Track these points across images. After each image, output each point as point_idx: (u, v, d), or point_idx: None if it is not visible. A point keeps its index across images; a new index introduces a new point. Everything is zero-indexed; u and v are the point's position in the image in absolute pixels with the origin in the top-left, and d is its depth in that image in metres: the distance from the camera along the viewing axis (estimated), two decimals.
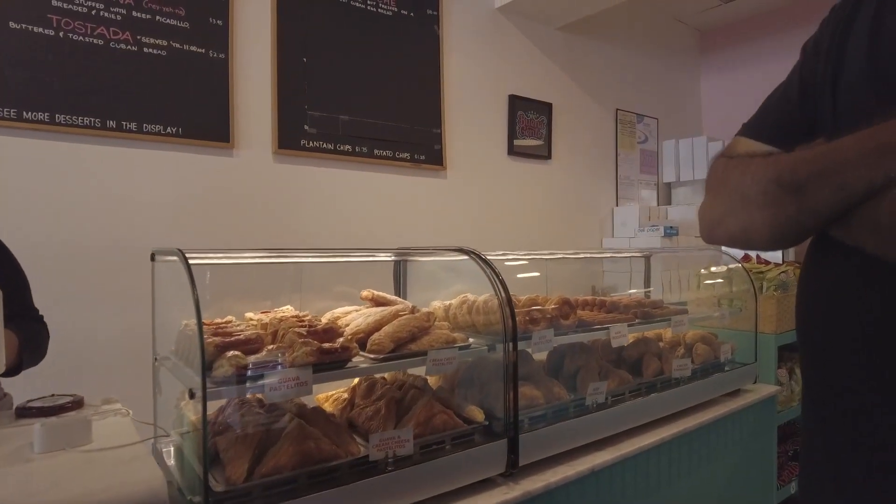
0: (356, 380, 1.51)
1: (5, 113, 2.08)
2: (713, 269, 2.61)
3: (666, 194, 4.75)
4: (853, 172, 0.64)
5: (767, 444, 2.30)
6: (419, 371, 1.41)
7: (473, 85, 3.47)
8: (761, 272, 2.55)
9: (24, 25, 2.12)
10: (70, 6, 2.21)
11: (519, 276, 1.93)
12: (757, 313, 2.36)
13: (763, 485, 2.28)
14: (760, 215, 0.75)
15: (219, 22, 2.56)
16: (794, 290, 2.71)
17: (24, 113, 2.12)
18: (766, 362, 2.36)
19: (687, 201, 4.56)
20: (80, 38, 2.23)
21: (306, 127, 2.79)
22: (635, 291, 2.46)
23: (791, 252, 3.49)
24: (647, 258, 2.55)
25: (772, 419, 2.32)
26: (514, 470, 1.38)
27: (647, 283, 2.56)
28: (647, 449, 1.67)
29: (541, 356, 1.85)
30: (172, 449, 1.32)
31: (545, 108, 3.83)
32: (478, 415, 1.41)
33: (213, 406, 1.27)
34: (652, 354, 2.00)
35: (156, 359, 1.37)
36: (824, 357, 0.78)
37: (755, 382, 2.29)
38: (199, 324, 0.98)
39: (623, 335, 1.76)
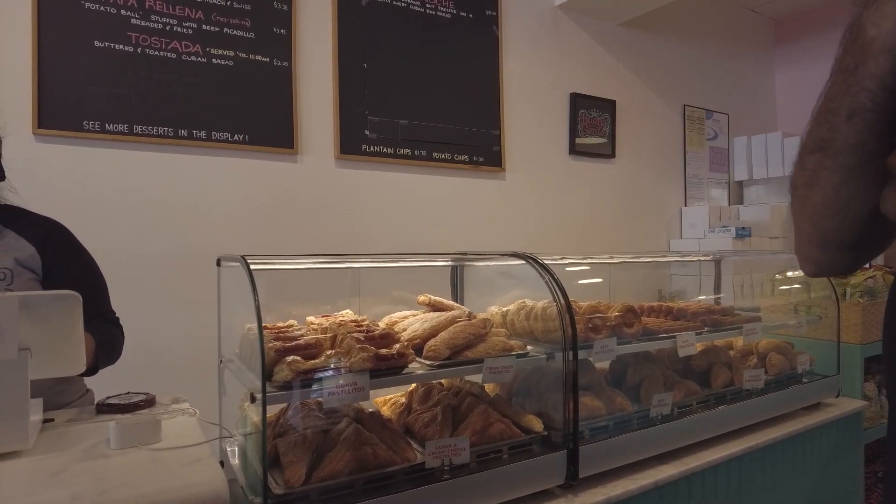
0: (413, 384, 1.52)
1: (90, 126, 2.23)
2: (789, 273, 2.45)
3: (738, 193, 4.51)
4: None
5: (853, 464, 2.13)
6: (476, 378, 1.40)
7: (533, 84, 3.42)
8: (844, 277, 2.37)
9: (106, 43, 2.26)
10: (147, 23, 2.34)
11: (581, 281, 1.88)
12: (839, 322, 2.20)
13: None
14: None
15: (282, 31, 2.64)
16: (883, 298, 2.49)
17: (107, 125, 2.26)
18: (850, 375, 2.19)
19: (761, 200, 4.32)
20: (156, 52, 2.35)
21: (367, 132, 2.84)
22: (704, 298, 2.34)
23: (881, 256, 3.24)
24: (718, 262, 2.42)
25: (857, 436, 2.15)
26: (573, 482, 1.34)
27: (717, 288, 2.44)
28: (716, 464, 1.59)
29: (603, 365, 1.79)
30: (237, 449, 1.36)
31: (608, 106, 3.72)
32: (536, 424, 1.38)
33: (274, 409, 1.31)
34: (721, 364, 1.90)
35: (221, 361, 1.42)
36: None
37: (837, 396, 2.13)
38: (260, 329, 1.01)
39: (690, 344, 1.68)
